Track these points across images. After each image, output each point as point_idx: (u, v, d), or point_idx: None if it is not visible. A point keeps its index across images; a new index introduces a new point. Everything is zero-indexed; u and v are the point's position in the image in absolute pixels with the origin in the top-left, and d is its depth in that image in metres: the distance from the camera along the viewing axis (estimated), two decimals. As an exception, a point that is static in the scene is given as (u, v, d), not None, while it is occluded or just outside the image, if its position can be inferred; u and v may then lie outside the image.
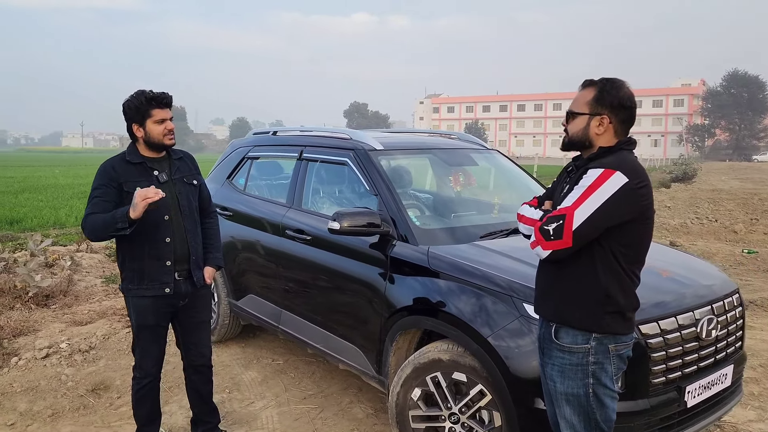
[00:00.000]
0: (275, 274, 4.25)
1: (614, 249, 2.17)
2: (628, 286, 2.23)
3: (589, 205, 2.09)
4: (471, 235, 3.49)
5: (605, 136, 2.26)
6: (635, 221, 2.17)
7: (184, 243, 3.10)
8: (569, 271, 2.23)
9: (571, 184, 2.29)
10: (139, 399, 3.21)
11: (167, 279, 3.03)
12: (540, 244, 2.19)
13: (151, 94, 2.95)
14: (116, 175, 2.94)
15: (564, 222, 2.11)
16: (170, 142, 3.04)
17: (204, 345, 3.36)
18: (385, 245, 3.45)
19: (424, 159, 4.33)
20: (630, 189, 2.10)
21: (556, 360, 2.30)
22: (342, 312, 3.74)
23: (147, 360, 3.15)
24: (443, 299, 3.07)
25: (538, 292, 2.43)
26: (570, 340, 2.25)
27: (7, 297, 5.89)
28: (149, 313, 3.06)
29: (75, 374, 4.41)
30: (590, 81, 2.31)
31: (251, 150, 4.91)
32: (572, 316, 2.24)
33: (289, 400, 4.10)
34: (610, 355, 2.24)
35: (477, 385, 2.92)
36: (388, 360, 3.38)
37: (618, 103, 2.23)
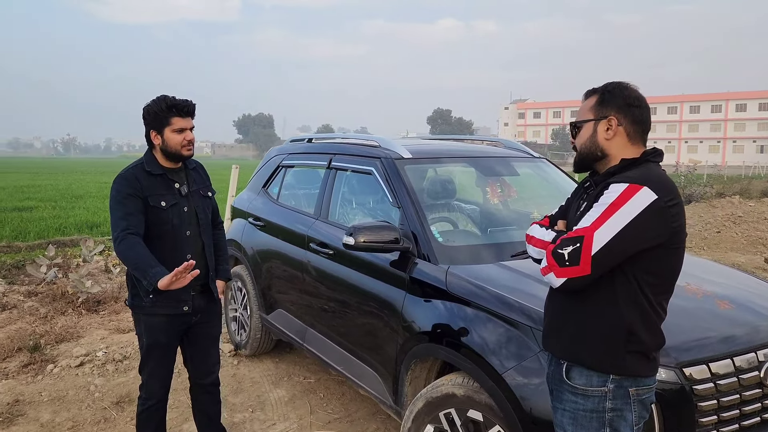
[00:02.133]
0: (300, 290, 4.03)
1: (639, 278, 1.83)
2: (653, 321, 1.88)
3: (612, 225, 1.76)
4: (499, 253, 3.12)
5: (617, 142, 1.95)
6: (664, 246, 1.82)
7: (202, 258, 2.95)
8: (585, 303, 1.90)
9: (588, 201, 1.94)
10: (143, 420, 3.06)
11: (186, 297, 2.87)
12: (553, 271, 1.86)
13: (172, 100, 2.78)
14: (141, 187, 2.77)
15: (582, 245, 1.78)
16: (188, 153, 2.86)
17: (214, 362, 3.19)
18: (406, 263, 3.15)
19: (458, 168, 3.99)
20: (660, 208, 1.77)
21: (568, 404, 1.94)
22: (361, 333, 3.46)
23: (154, 381, 3.00)
24: (458, 326, 2.73)
25: (548, 324, 2.08)
26: (584, 381, 1.90)
27: (60, 302, 6.02)
28: (162, 333, 2.91)
29: (104, 385, 4.36)
30: (592, 89, 2.04)
31: (286, 158, 4.74)
32: (587, 355, 1.90)
33: (311, 424, 3.86)
34: (630, 400, 1.89)
35: (494, 426, 2.56)
36: (404, 389, 3.08)
37: (624, 102, 1.94)
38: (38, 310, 5.92)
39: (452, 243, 3.22)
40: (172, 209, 2.84)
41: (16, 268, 7.25)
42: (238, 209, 5.08)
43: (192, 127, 2.86)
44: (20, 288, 6.52)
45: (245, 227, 4.80)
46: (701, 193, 18.70)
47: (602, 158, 1.98)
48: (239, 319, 4.91)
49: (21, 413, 3.93)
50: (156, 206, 2.79)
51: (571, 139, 2.09)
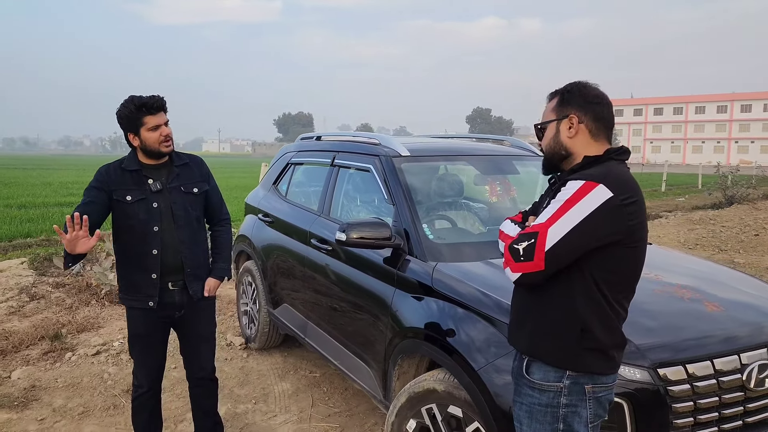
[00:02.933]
0: (302, 285, 4.11)
1: (596, 276, 1.83)
2: (611, 320, 1.87)
3: (566, 222, 1.77)
4: (490, 251, 3.12)
5: (581, 140, 1.95)
6: (622, 244, 1.81)
7: (176, 254, 2.95)
8: (543, 298, 1.91)
9: (549, 197, 1.96)
10: (135, 408, 3.16)
11: (152, 292, 2.91)
12: (509, 266, 1.88)
13: (140, 99, 2.80)
14: (109, 181, 2.85)
15: (536, 241, 1.79)
16: (167, 149, 2.88)
17: (205, 359, 3.22)
18: (397, 260, 3.18)
19: (456, 166, 3.99)
20: (615, 206, 1.76)
21: (525, 398, 1.96)
22: (355, 329, 3.51)
23: (140, 370, 3.10)
24: (441, 323, 2.76)
25: (512, 320, 2.09)
26: (541, 376, 1.91)
27: (85, 294, 6.25)
28: (139, 325, 3.00)
29: (117, 373, 4.52)
30: (554, 91, 2.05)
31: (295, 155, 4.82)
32: (544, 350, 1.91)
33: (311, 417, 3.93)
34: (585, 397, 1.88)
35: (474, 422, 2.57)
36: (392, 384, 3.11)
37: (583, 100, 1.95)
38: (64, 301, 6.15)
39: (443, 240, 3.24)
40: (139, 204, 2.86)
41: (48, 260, 7.55)
42: (250, 205, 5.19)
43: (166, 122, 2.88)
44: (49, 279, 6.78)
45: (255, 223, 4.91)
46: (744, 195, 18.09)
47: (567, 157, 1.98)
48: (249, 313, 5.02)
49: (36, 398, 4.11)
50: (120, 200, 2.83)
51: (538, 142, 2.11)
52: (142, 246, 2.88)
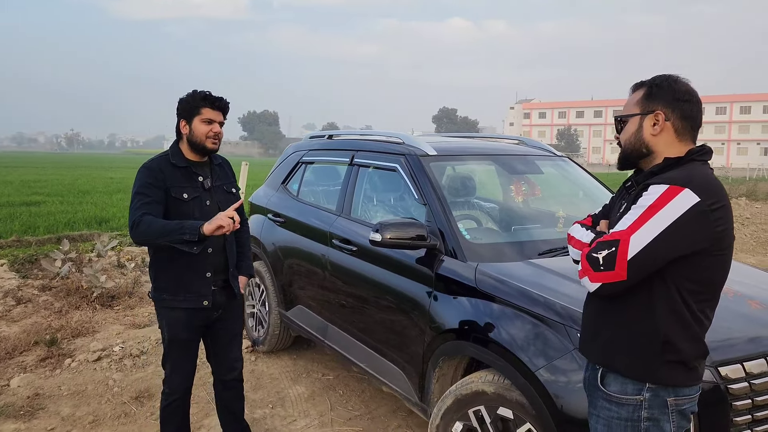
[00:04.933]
0: (322, 286, 4.02)
1: (680, 285, 1.74)
2: (694, 331, 1.78)
3: (649, 229, 1.68)
4: (528, 251, 3.11)
5: (665, 138, 1.85)
6: (708, 252, 1.72)
7: (223, 253, 2.94)
8: (621, 309, 1.82)
9: (628, 202, 1.85)
10: (166, 416, 3.06)
11: (206, 291, 2.86)
12: (587, 275, 1.78)
13: (207, 93, 2.84)
14: (163, 177, 2.78)
15: (617, 250, 1.70)
16: (212, 146, 2.86)
17: (236, 358, 3.18)
18: (432, 260, 3.14)
19: (482, 166, 3.97)
20: (702, 211, 1.67)
21: (602, 411, 1.87)
22: (385, 331, 3.45)
23: (176, 376, 2.99)
24: (489, 324, 2.72)
25: (584, 329, 2.02)
26: (618, 388, 1.83)
27: (74, 297, 6.02)
28: (182, 328, 2.90)
29: (122, 380, 4.36)
30: (640, 82, 1.94)
31: (306, 154, 4.73)
32: (621, 362, 1.82)
33: (333, 421, 3.86)
34: (668, 410, 1.80)
35: (525, 423, 2.55)
36: (431, 387, 3.06)
37: (672, 96, 1.84)
38: (53, 305, 5.92)
39: (479, 240, 3.21)
40: (194, 202, 2.84)
41: (29, 262, 7.25)
42: (256, 205, 5.07)
43: (221, 123, 2.88)
44: (34, 282, 6.52)
45: (264, 223, 4.79)
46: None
47: (647, 155, 1.88)
48: (257, 315, 4.91)
49: (41, 407, 3.93)
50: (178, 198, 2.79)
51: (616, 135, 2.01)
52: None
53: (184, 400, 3.05)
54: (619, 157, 2.01)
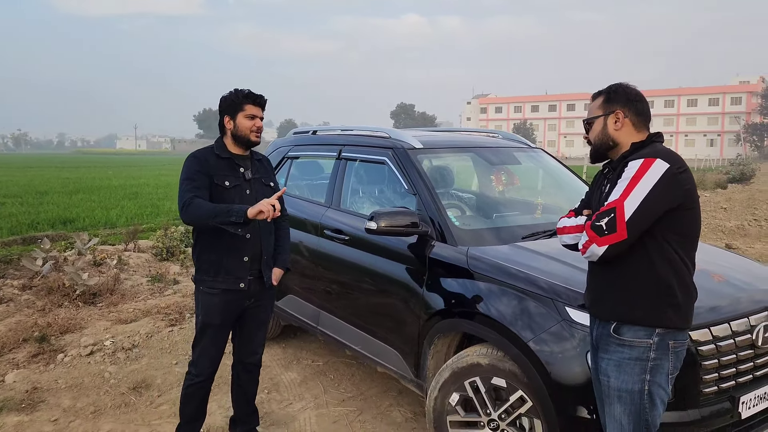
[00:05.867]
0: (314, 275, 4.21)
1: (667, 238, 2.15)
2: (685, 274, 2.20)
3: (637, 194, 2.08)
4: (512, 235, 3.38)
5: (625, 132, 2.29)
6: (683, 207, 2.14)
7: (258, 242, 3.14)
8: (626, 268, 2.19)
9: (611, 182, 2.25)
10: (188, 395, 3.20)
11: (243, 274, 3.06)
12: (594, 242, 2.14)
13: (249, 91, 3.07)
14: (208, 167, 3.01)
15: (615, 215, 2.09)
16: (255, 139, 3.10)
17: (259, 344, 3.38)
18: (424, 246, 3.37)
19: (465, 158, 4.22)
20: (672, 174, 2.10)
21: (614, 354, 2.23)
22: (379, 314, 3.67)
23: (204, 359, 3.14)
24: (482, 302, 2.97)
25: (593, 292, 2.36)
26: (632, 334, 2.19)
27: (56, 295, 6.05)
28: (217, 312, 3.07)
29: (118, 372, 4.47)
30: (598, 91, 2.39)
31: (291, 149, 4.90)
32: (635, 313, 2.18)
33: (327, 402, 4.06)
34: (669, 352, 2.19)
35: (517, 391, 2.81)
36: (426, 363, 3.30)
37: (627, 98, 2.29)
38: (35, 303, 5.94)
39: (468, 227, 3.46)
40: (235, 190, 3.05)
41: (5, 262, 7.21)
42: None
43: (262, 118, 3.12)
44: (13, 282, 6.51)
45: (251, 217, 4.94)
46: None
47: (614, 147, 2.31)
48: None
49: (41, 399, 4.02)
50: (220, 185, 3.00)
51: (585, 135, 2.43)
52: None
53: (207, 383, 3.20)
54: (590, 152, 2.44)
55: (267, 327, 3.44)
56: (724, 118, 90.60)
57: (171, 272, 7.35)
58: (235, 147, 3.11)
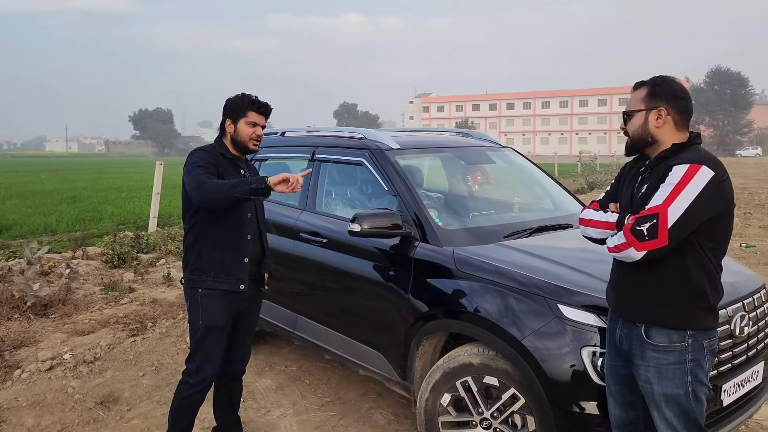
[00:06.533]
0: (289, 279, 4.13)
1: (702, 244, 2.15)
2: (717, 280, 2.22)
3: (682, 201, 2.06)
4: (495, 235, 3.40)
5: (666, 130, 2.24)
6: (723, 214, 2.16)
7: (258, 244, 3.11)
8: (660, 272, 2.18)
9: (651, 183, 2.21)
10: (185, 406, 3.08)
11: (243, 275, 3.01)
12: (633, 246, 2.12)
13: (255, 97, 3.02)
14: (217, 163, 2.95)
15: (658, 221, 2.07)
16: (254, 147, 3.06)
17: (248, 350, 3.33)
18: (407, 247, 3.35)
19: (441, 158, 4.23)
20: (717, 182, 2.09)
21: (652, 361, 2.23)
22: (362, 316, 3.63)
23: (208, 365, 3.02)
24: (473, 301, 2.97)
25: (619, 292, 2.36)
26: (664, 339, 2.20)
27: (4, 307, 5.72)
28: (221, 313, 2.99)
29: (82, 387, 4.26)
30: (641, 81, 2.31)
31: (258, 151, 4.78)
32: (666, 316, 2.19)
33: (307, 408, 3.99)
34: (704, 351, 2.21)
35: (509, 389, 2.83)
36: (413, 365, 3.28)
37: (672, 94, 2.23)
38: (-19, 317, 5.59)
39: (452, 227, 3.46)
40: None
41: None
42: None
43: (264, 126, 3.07)
44: (-44, 295, 6.11)
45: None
46: (602, 181, 20.09)
47: (652, 144, 2.26)
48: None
49: (2, 419, 3.78)
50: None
51: (622, 125, 2.37)
52: (239, 230, 2.99)
53: (206, 391, 3.09)
54: (627, 145, 2.36)
55: (253, 333, 3.37)
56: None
57: (125, 280, 7.08)
58: (233, 150, 3.06)
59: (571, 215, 3.96)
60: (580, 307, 2.68)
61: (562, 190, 4.32)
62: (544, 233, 3.56)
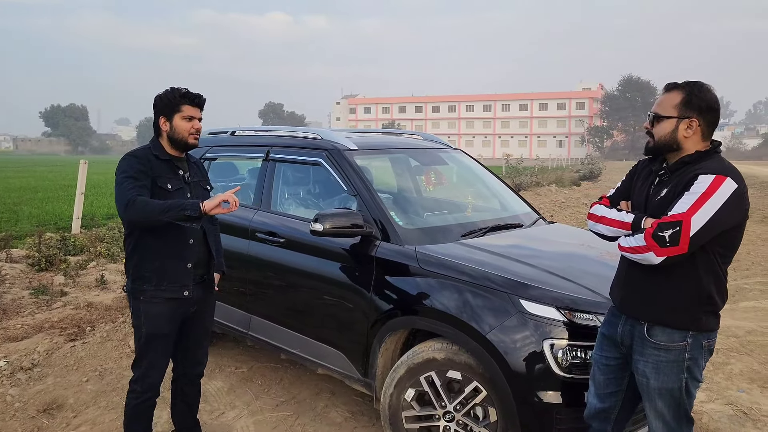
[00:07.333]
0: (243, 279, 4.10)
1: (714, 252, 2.21)
2: (724, 285, 2.29)
3: (706, 211, 2.10)
4: (453, 234, 3.52)
5: (693, 139, 2.27)
6: (739, 225, 2.23)
7: (203, 247, 3.01)
8: (671, 276, 2.24)
9: (672, 188, 2.26)
10: (136, 414, 3.01)
11: (187, 281, 2.91)
12: (653, 251, 2.16)
13: (185, 90, 2.90)
14: (151, 167, 2.81)
15: (681, 229, 2.11)
16: (194, 141, 2.94)
17: (204, 353, 3.26)
18: (368, 246, 3.41)
19: (397, 158, 4.31)
20: (740, 194, 2.15)
21: (651, 358, 2.31)
22: (322, 315, 3.65)
23: (154, 371, 2.96)
24: (438, 299, 3.06)
25: (626, 290, 2.41)
26: (666, 338, 2.28)
27: (-75, 314, 5.35)
28: (164, 321, 2.89)
29: (21, 394, 4.06)
30: (675, 84, 2.32)
31: (208, 150, 4.71)
32: (671, 317, 2.27)
33: (262, 409, 3.97)
34: (703, 350, 2.29)
35: (472, 382, 2.93)
36: (375, 362, 3.34)
37: (707, 106, 2.25)
38: None
39: (411, 226, 3.55)
40: (177, 193, 2.89)
41: None
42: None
43: (200, 119, 2.96)
44: None
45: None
46: (528, 183, 20.80)
47: (676, 150, 2.30)
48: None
49: (-64, 432, 3.56)
50: (163, 187, 2.83)
51: (647, 125, 2.39)
52: (181, 235, 2.89)
53: (155, 397, 3.03)
54: (651, 148, 2.39)
55: (210, 335, 3.32)
56: (570, 122, 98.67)
57: (56, 283, 6.76)
58: (171, 149, 2.94)
59: (519, 215, 4.15)
60: (541, 302, 2.82)
61: (509, 190, 4.49)
62: (498, 232, 3.71)
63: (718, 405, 4.00)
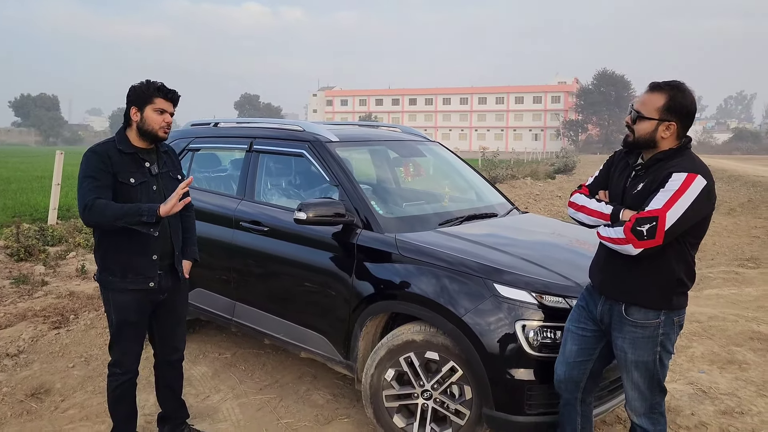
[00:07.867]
0: (228, 267, 4.22)
1: (685, 241, 2.47)
2: (692, 268, 2.56)
3: (679, 206, 2.33)
4: (431, 223, 3.68)
5: (669, 139, 2.49)
6: (708, 216, 2.48)
7: (168, 238, 3.06)
8: (645, 261, 2.46)
9: (648, 183, 2.48)
10: (117, 397, 3.11)
11: (152, 273, 2.97)
12: (631, 243, 2.39)
13: (160, 84, 2.94)
14: (111, 162, 2.85)
15: (657, 224, 2.34)
16: (164, 135, 2.98)
17: (180, 340, 3.33)
18: (350, 234, 3.55)
19: (377, 150, 4.46)
20: (708, 190, 2.38)
21: (628, 334, 2.57)
22: (305, 301, 3.79)
23: (128, 357, 3.06)
24: (415, 284, 3.22)
25: (605, 274, 2.65)
26: (641, 316, 2.53)
27: None
28: (131, 310, 2.98)
29: (8, 380, 4.14)
30: (657, 85, 2.49)
31: (192, 141, 4.81)
32: (646, 298, 2.52)
33: (246, 392, 4.10)
34: (674, 326, 2.56)
35: (449, 362, 3.11)
36: (357, 345, 3.49)
37: (686, 112, 2.46)
38: None
39: (391, 215, 3.71)
40: (141, 187, 2.93)
41: None
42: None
43: (172, 113, 3.00)
44: None
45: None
46: (504, 176, 21.08)
47: (652, 147, 2.52)
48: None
49: (-74, 416, 3.63)
50: (125, 182, 2.87)
51: (628, 119, 2.57)
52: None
53: (134, 378, 3.13)
54: (630, 142, 2.58)
55: (185, 322, 3.38)
56: (546, 115, 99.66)
57: (36, 273, 6.79)
58: (139, 140, 2.96)
59: (494, 205, 4.33)
60: (514, 286, 2.99)
61: (485, 182, 4.68)
62: (474, 221, 3.88)
63: (680, 385, 4.23)
